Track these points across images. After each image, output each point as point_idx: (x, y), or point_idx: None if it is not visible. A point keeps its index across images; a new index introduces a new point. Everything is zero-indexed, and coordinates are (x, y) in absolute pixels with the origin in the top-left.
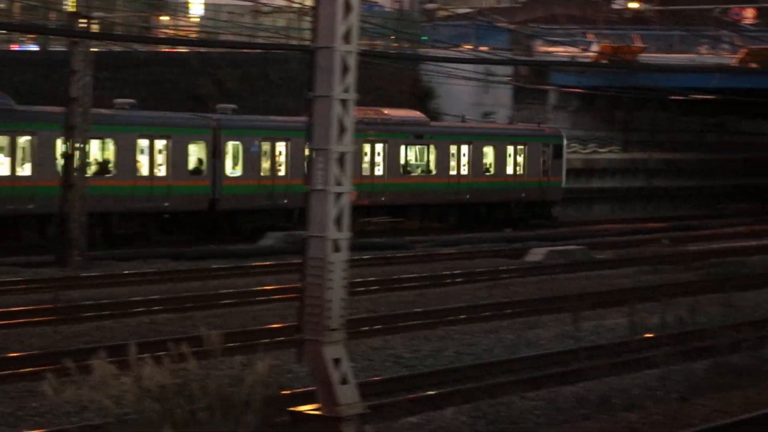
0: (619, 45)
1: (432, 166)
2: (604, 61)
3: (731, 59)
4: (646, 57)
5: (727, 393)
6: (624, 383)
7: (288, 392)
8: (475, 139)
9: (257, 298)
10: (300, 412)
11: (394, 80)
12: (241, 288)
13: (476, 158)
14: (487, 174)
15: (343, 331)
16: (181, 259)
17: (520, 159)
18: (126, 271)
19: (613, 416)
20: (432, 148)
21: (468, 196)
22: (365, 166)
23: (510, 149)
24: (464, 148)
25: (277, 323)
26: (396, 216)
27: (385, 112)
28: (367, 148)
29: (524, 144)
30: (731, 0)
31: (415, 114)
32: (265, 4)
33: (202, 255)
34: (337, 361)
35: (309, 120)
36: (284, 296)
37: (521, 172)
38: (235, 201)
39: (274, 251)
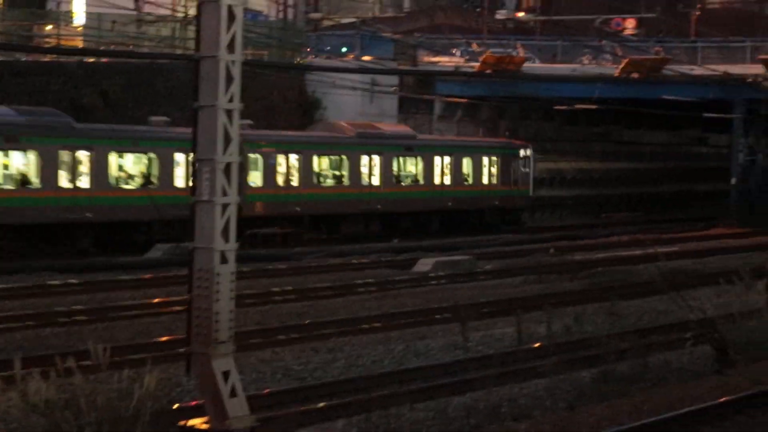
0: (503, 55)
1: (420, 176)
2: (488, 71)
3: (613, 69)
4: (529, 67)
5: (614, 401)
6: (513, 393)
7: (177, 406)
8: (456, 151)
9: (145, 311)
10: (189, 426)
11: (280, 90)
12: (129, 301)
13: (456, 169)
14: (466, 183)
15: (232, 343)
16: (68, 272)
17: (494, 169)
18: (10, 285)
19: (502, 426)
20: (419, 159)
21: (450, 204)
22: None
23: (485, 160)
24: (446, 159)
25: (165, 336)
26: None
27: (378, 126)
28: (365, 159)
29: (497, 156)
30: (612, 10)
31: (404, 128)
32: (148, 13)
33: (89, 267)
34: (226, 374)
35: (194, 130)
36: (172, 309)
37: (495, 181)
38: None
39: (161, 263)
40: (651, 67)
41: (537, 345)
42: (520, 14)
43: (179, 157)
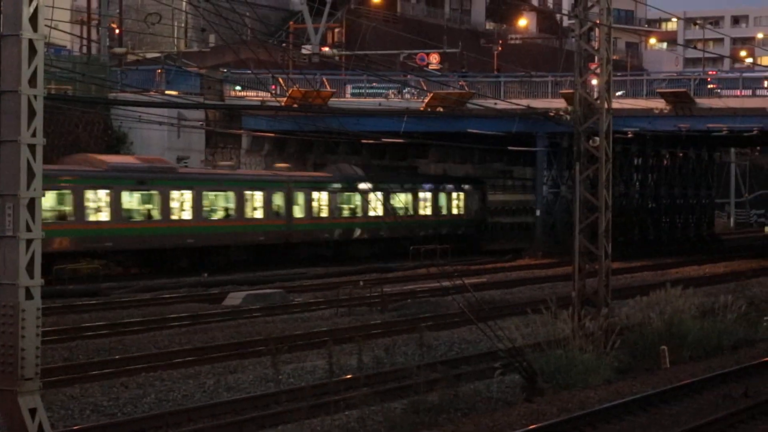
0: (309, 89)
1: (410, 207)
2: (295, 105)
3: (419, 103)
4: (336, 101)
5: (424, 431)
6: (324, 425)
7: None
8: (436, 187)
9: None
10: None
11: (85, 125)
12: None
13: (435, 201)
14: (443, 213)
15: (39, 380)
16: None
17: (462, 202)
18: None
19: None
20: (413, 194)
21: (431, 231)
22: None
23: (455, 194)
24: (428, 195)
25: None
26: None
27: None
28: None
29: (462, 191)
30: (416, 45)
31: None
32: None
33: None
34: (33, 411)
35: None
36: None
37: (462, 212)
38: None
39: None
40: (455, 101)
41: (348, 377)
42: (326, 49)
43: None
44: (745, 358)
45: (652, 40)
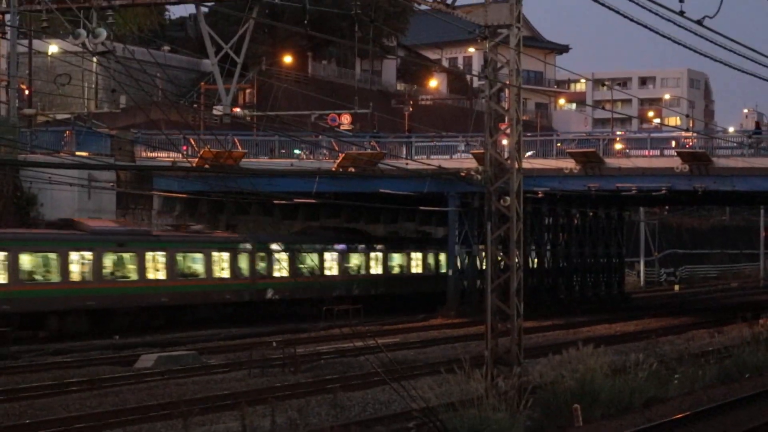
0: (220, 150)
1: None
2: (206, 166)
3: (331, 164)
4: (247, 162)
5: None
6: None
7: None
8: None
9: None
10: None
11: None
12: None
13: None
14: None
15: None
16: None
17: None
18: None
19: None
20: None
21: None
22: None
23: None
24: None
25: None
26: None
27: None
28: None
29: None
30: (327, 106)
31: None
32: None
33: None
34: None
35: None
36: None
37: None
38: None
39: None
40: (367, 162)
41: None
42: (237, 110)
43: (216, 255)
44: (657, 416)
45: (561, 101)
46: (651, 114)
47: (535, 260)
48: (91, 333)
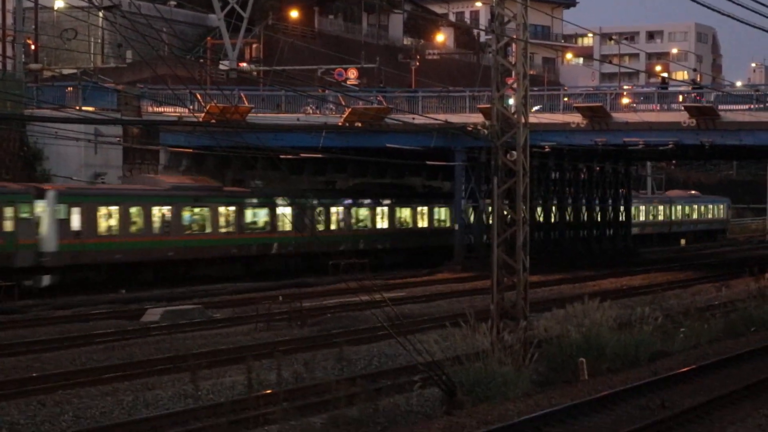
0: (227, 105)
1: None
2: (213, 121)
3: (338, 119)
4: (254, 117)
5: None
6: None
7: None
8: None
9: None
10: None
11: (0, 142)
12: None
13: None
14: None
15: None
16: None
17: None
18: None
19: None
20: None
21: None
22: None
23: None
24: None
25: None
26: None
27: None
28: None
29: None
30: (334, 61)
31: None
32: None
33: None
34: None
35: None
36: None
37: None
38: None
39: None
40: (374, 117)
41: (268, 392)
42: (243, 65)
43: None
44: (662, 370)
45: (569, 56)
46: (658, 68)
47: (542, 215)
48: (171, 281)
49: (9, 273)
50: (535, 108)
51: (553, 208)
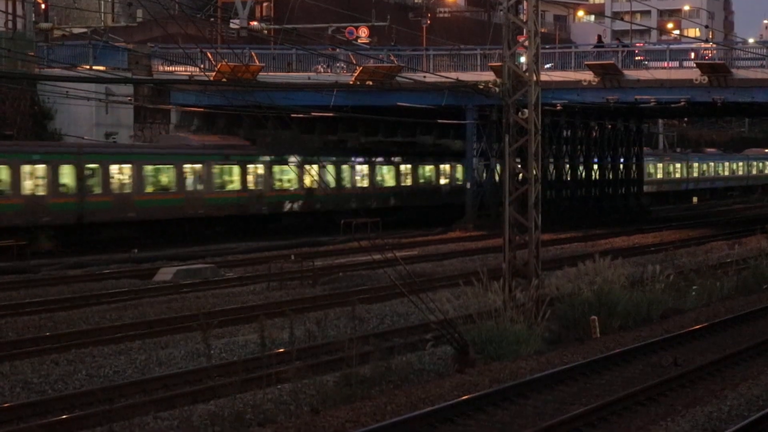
0: (237, 64)
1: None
2: (224, 80)
3: (349, 77)
4: (265, 76)
5: (357, 403)
6: (257, 399)
7: None
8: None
9: None
10: None
11: (11, 101)
12: None
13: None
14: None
15: None
16: None
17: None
18: None
19: None
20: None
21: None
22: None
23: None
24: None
25: None
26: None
27: None
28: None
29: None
30: (344, 19)
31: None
32: None
33: None
34: None
35: None
36: None
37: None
38: None
39: None
40: (385, 75)
41: (281, 351)
42: (254, 23)
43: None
44: (674, 327)
45: (580, 13)
46: (670, 25)
47: (553, 173)
48: (202, 238)
49: None
50: (547, 66)
51: (566, 166)
